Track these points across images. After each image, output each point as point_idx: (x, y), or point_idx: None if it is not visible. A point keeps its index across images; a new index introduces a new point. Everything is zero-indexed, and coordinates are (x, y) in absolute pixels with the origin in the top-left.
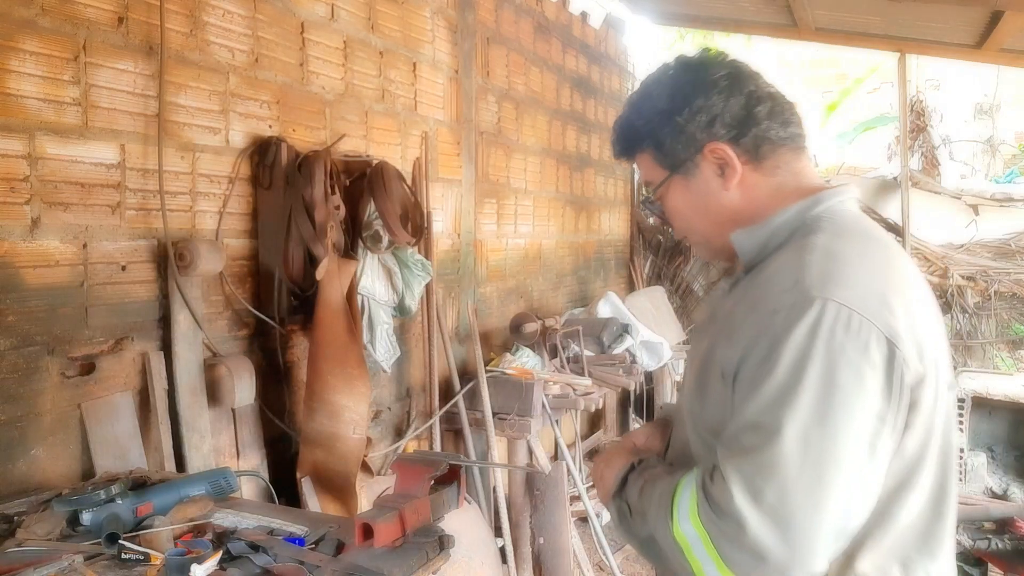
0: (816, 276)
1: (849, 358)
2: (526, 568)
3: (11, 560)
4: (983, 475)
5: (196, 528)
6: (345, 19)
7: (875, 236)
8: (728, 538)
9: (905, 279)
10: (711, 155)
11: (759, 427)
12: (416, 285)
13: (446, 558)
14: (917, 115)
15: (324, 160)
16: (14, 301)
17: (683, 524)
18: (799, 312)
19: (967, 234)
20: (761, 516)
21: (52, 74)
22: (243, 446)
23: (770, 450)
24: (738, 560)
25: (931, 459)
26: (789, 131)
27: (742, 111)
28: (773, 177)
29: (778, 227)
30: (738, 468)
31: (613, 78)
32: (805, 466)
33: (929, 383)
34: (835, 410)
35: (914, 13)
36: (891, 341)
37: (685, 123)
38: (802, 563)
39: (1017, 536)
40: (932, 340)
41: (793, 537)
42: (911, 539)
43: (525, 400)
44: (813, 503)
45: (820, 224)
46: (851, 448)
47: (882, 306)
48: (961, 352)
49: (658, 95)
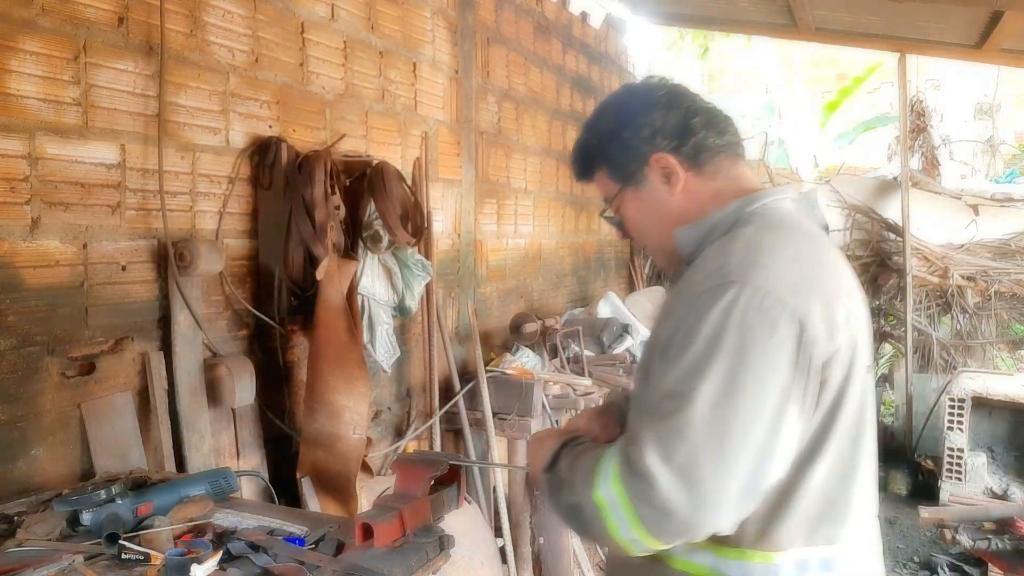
0: (736, 262)
1: (758, 335)
2: (526, 568)
3: (11, 560)
4: (983, 475)
5: (196, 528)
6: (345, 19)
7: (800, 230)
8: (640, 495)
9: (823, 268)
10: (656, 165)
11: (675, 394)
12: (416, 285)
13: (446, 558)
14: (917, 115)
15: (324, 160)
16: (14, 301)
17: (603, 487)
18: (718, 293)
19: (967, 234)
20: (671, 475)
21: (52, 74)
22: (243, 446)
23: (682, 415)
24: (649, 516)
25: (838, 433)
26: (725, 139)
27: (680, 123)
28: (713, 181)
29: (715, 223)
30: (654, 430)
31: (613, 78)
32: (712, 431)
33: (838, 363)
34: (743, 381)
35: (914, 13)
36: (800, 321)
37: (630, 138)
38: (706, 520)
39: (1017, 536)
40: (847, 324)
41: (699, 495)
42: (817, 507)
43: (525, 400)
44: (718, 465)
45: (751, 219)
46: (756, 416)
47: (794, 290)
48: (961, 352)
49: (606, 117)
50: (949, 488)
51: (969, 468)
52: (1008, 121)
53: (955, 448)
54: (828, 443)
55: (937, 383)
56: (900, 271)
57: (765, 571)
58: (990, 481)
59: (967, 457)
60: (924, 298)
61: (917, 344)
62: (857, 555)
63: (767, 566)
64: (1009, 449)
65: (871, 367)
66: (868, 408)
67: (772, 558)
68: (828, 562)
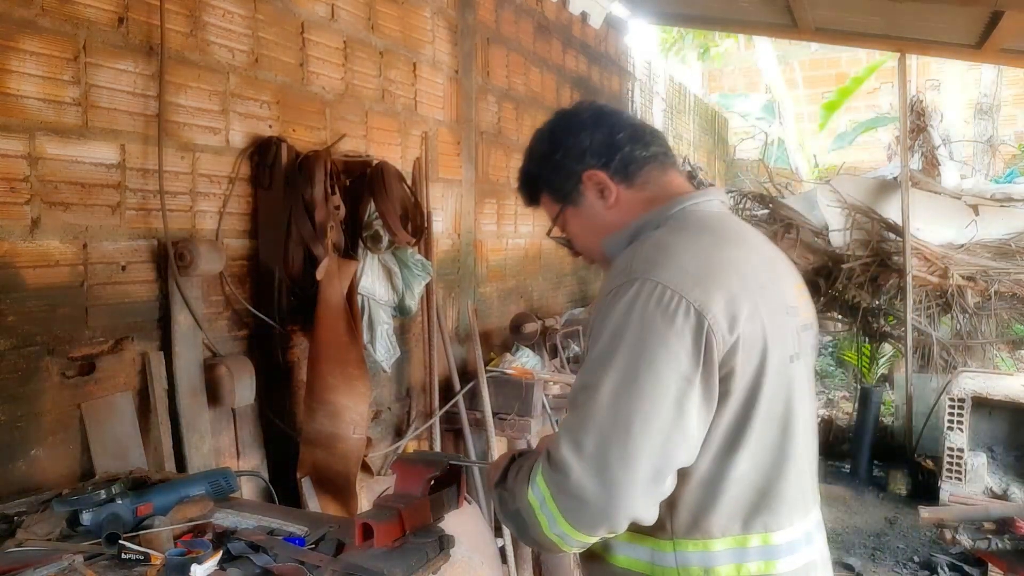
0: (641, 261)
1: (658, 326)
2: (526, 568)
3: (11, 560)
4: (983, 475)
5: (196, 528)
6: (345, 19)
7: (712, 230)
8: (559, 486)
9: (730, 263)
10: (589, 182)
11: (585, 387)
12: (416, 285)
13: (446, 558)
14: (917, 115)
15: (324, 160)
16: (14, 301)
17: (533, 486)
18: (623, 290)
19: (967, 234)
20: (582, 464)
21: (52, 74)
22: (243, 446)
23: (590, 407)
24: (567, 506)
25: (759, 423)
26: (651, 151)
27: (606, 140)
28: (644, 191)
29: (637, 228)
30: (567, 424)
31: (613, 78)
32: (618, 420)
33: (745, 353)
34: (642, 371)
35: (914, 13)
36: (699, 312)
37: (563, 159)
38: (619, 505)
39: (1017, 536)
40: (755, 316)
41: (609, 482)
42: (750, 496)
43: (525, 400)
44: (624, 452)
45: (667, 221)
46: (657, 404)
47: (695, 284)
48: (961, 352)
49: (540, 143)
50: (949, 488)
51: (969, 468)
52: (1008, 121)
53: (955, 448)
54: (749, 433)
55: (937, 383)
56: (900, 271)
57: (702, 559)
58: (990, 481)
59: (967, 457)
60: (924, 298)
61: (917, 344)
62: (797, 543)
63: (704, 554)
64: (1009, 449)
65: (797, 356)
66: (799, 398)
67: (709, 546)
68: (769, 550)
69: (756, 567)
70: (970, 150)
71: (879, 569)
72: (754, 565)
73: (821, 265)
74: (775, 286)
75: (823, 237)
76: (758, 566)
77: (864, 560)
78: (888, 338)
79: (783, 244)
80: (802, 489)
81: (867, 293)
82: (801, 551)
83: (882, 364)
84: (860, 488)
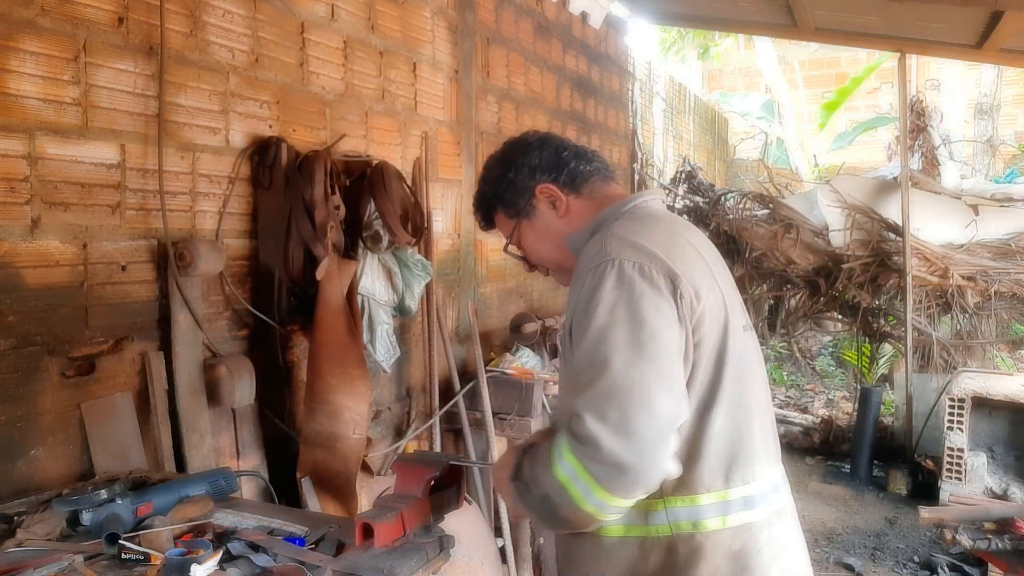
0: (613, 245)
1: (648, 294)
2: (526, 568)
3: (11, 560)
4: (983, 475)
5: (196, 528)
6: (345, 19)
7: (663, 219)
8: (591, 458)
9: (684, 246)
10: (541, 195)
11: (592, 363)
12: (416, 285)
13: (446, 558)
14: (917, 115)
15: (324, 160)
16: (14, 301)
17: (560, 464)
18: (603, 270)
19: (967, 234)
20: (611, 432)
21: (52, 74)
22: (243, 446)
23: (604, 379)
24: (603, 475)
25: (728, 383)
26: (594, 166)
27: (553, 158)
28: (591, 200)
29: (596, 223)
30: (585, 399)
31: (613, 78)
32: (634, 385)
33: (711, 320)
34: (647, 337)
35: (914, 13)
36: (673, 281)
37: (515, 177)
38: (653, 463)
39: (1017, 536)
40: (713, 289)
41: (639, 443)
42: (727, 451)
43: (525, 400)
44: (647, 411)
45: (623, 215)
46: (667, 365)
47: (664, 258)
48: (961, 352)
49: (493, 167)
50: (949, 488)
51: (969, 468)
52: (1008, 121)
53: (955, 448)
54: (720, 392)
55: (937, 383)
56: (900, 271)
57: (690, 514)
58: (990, 481)
59: (967, 457)
60: (924, 298)
61: (917, 344)
62: (768, 493)
63: (691, 508)
64: (1009, 449)
65: (748, 326)
66: (753, 362)
67: (696, 500)
68: (748, 500)
69: (737, 518)
70: (970, 150)
71: (879, 569)
72: (736, 516)
73: (821, 265)
74: (722, 264)
75: (823, 237)
76: (739, 516)
77: (864, 560)
78: (888, 338)
79: (783, 244)
80: (766, 442)
81: (867, 293)
82: (771, 499)
83: (882, 364)
84: (860, 488)
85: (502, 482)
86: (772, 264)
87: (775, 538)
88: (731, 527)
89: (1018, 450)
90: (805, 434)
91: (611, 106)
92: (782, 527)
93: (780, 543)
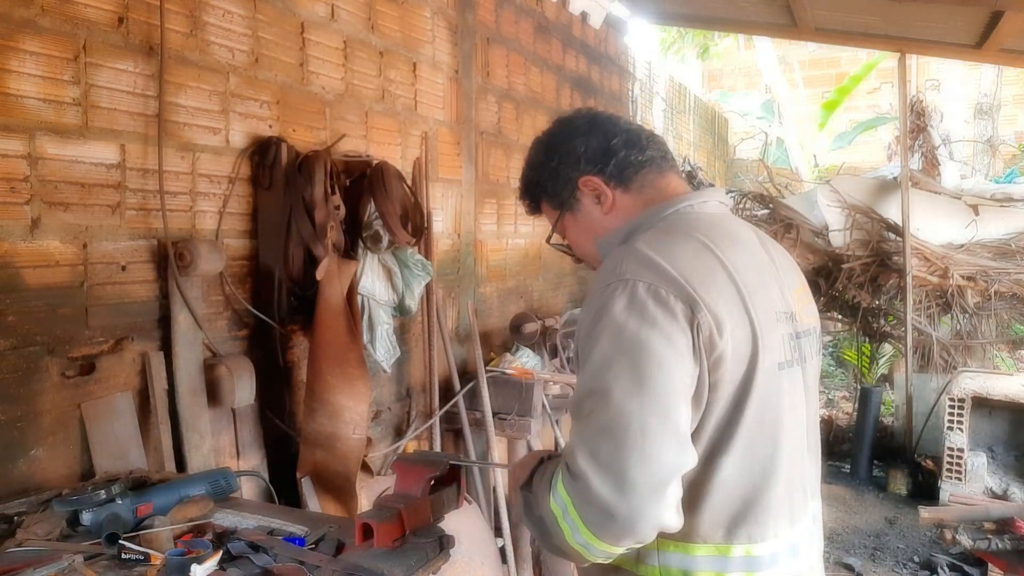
0: (631, 263)
1: (660, 323)
2: (526, 568)
3: (11, 560)
4: (983, 475)
5: (196, 528)
6: (345, 19)
7: (704, 231)
8: (580, 496)
9: (716, 269)
10: (585, 188)
11: (592, 393)
12: (416, 285)
13: (446, 558)
14: (917, 115)
15: (324, 160)
16: (14, 301)
17: (554, 494)
18: (615, 291)
19: (967, 234)
20: (601, 473)
21: (52, 74)
22: (243, 446)
23: (602, 413)
24: (590, 517)
25: (746, 430)
26: (647, 155)
27: (601, 146)
28: (641, 195)
29: (629, 230)
30: (580, 432)
31: (613, 78)
32: (631, 423)
33: (733, 358)
34: (651, 370)
35: (914, 13)
36: (691, 308)
37: (558, 167)
38: (642, 514)
39: (1017, 536)
40: (744, 321)
41: (630, 490)
42: (734, 504)
43: (525, 400)
44: (640, 455)
45: (658, 224)
46: (668, 402)
47: (684, 282)
48: (961, 352)
49: (537, 152)
50: (949, 488)
51: (969, 468)
52: (1008, 121)
53: (955, 448)
54: (735, 439)
55: (937, 383)
56: (900, 271)
57: (682, 562)
58: (990, 481)
59: (967, 457)
60: (924, 298)
61: (917, 344)
62: (780, 556)
63: (685, 557)
64: (1009, 449)
65: (787, 363)
66: (790, 407)
67: (691, 550)
68: (752, 561)
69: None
70: (970, 150)
71: (879, 569)
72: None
73: (821, 265)
74: (766, 291)
75: (823, 237)
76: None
77: (864, 560)
78: (888, 338)
79: (783, 244)
80: (791, 500)
81: (867, 293)
82: (785, 563)
83: (882, 364)
84: (860, 488)
85: (514, 487)
86: None
87: None
88: None
89: (1018, 450)
90: None
91: (611, 106)
92: None
93: None
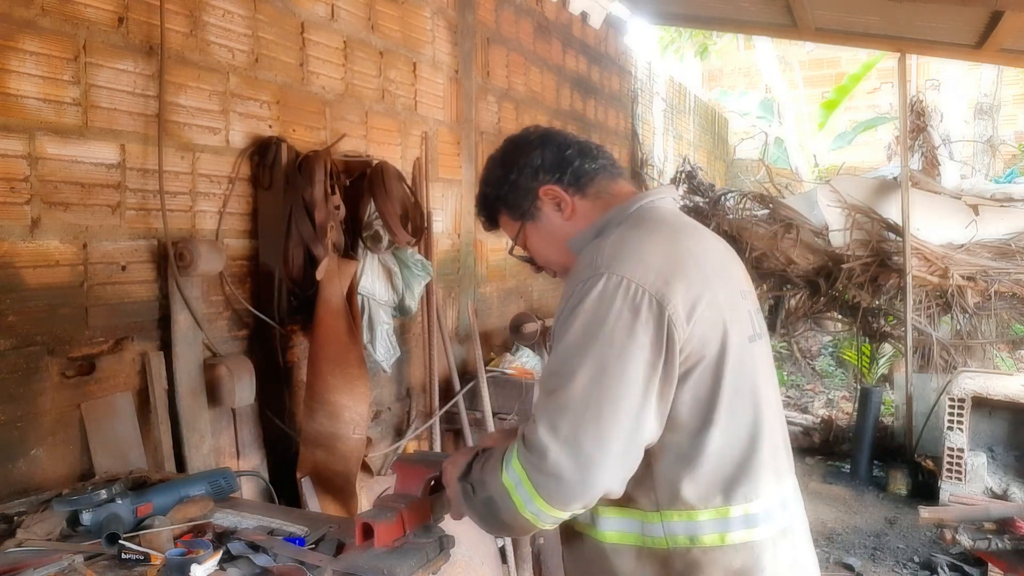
0: (606, 257)
1: (626, 319)
2: (526, 568)
3: (11, 560)
4: (983, 475)
5: (196, 528)
6: (345, 19)
7: (668, 225)
8: (535, 466)
9: (686, 256)
10: (545, 196)
11: (558, 374)
12: (416, 285)
13: (446, 558)
14: (917, 115)
15: (324, 160)
16: (14, 301)
17: (508, 470)
18: (591, 283)
19: (967, 234)
20: (559, 445)
21: (52, 74)
22: (243, 446)
23: (565, 392)
24: (543, 484)
25: (727, 401)
26: (599, 163)
27: (556, 157)
28: (598, 200)
29: (601, 225)
30: (543, 408)
31: (613, 78)
32: (590, 405)
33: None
34: (613, 361)
35: (914, 13)
36: (660, 304)
37: (517, 179)
38: (593, 480)
39: (1017, 536)
40: (713, 305)
41: (583, 461)
42: (728, 469)
43: (525, 400)
44: (597, 434)
45: (626, 219)
46: (627, 390)
47: (656, 277)
48: (961, 352)
49: (494, 168)
50: (949, 488)
51: (969, 468)
52: (1008, 121)
53: (955, 448)
54: (718, 411)
55: (937, 383)
56: (900, 271)
57: (687, 528)
58: (990, 481)
59: (967, 457)
60: (924, 298)
61: (917, 344)
62: (773, 511)
63: (689, 523)
64: (1009, 449)
65: (756, 336)
66: (764, 375)
67: (693, 516)
68: (750, 518)
69: (738, 535)
70: (970, 150)
71: (879, 569)
72: (736, 534)
73: (821, 265)
74: (727, 272)
75: (823, 237)
76: (740, 534)
77: (864, 560)
78: (888, 338)
79: (783, 244)
80: (776, 459)
81: (867, 293)
82: (777, 517)
83: (882, 364)
84: (860, 488)
85: (450, 481)
86: (772, 264)
87: (780, 558)
88: (731, 545)
89: (1018, 450)
90: (805, 434)
91: (611, 106)
92: (789, 547)
93: (786, 563)
